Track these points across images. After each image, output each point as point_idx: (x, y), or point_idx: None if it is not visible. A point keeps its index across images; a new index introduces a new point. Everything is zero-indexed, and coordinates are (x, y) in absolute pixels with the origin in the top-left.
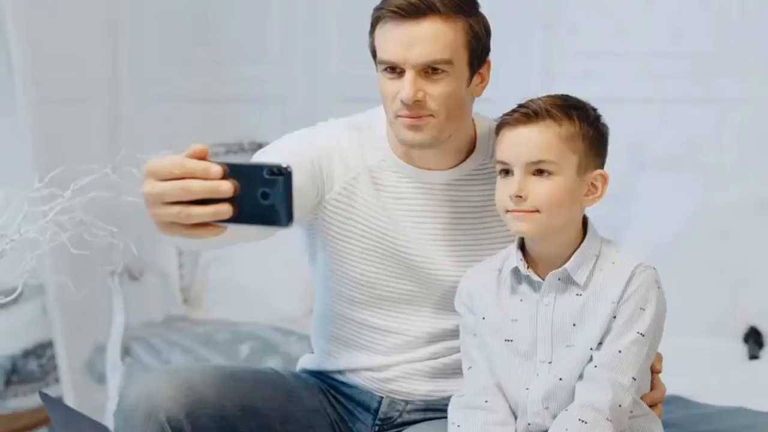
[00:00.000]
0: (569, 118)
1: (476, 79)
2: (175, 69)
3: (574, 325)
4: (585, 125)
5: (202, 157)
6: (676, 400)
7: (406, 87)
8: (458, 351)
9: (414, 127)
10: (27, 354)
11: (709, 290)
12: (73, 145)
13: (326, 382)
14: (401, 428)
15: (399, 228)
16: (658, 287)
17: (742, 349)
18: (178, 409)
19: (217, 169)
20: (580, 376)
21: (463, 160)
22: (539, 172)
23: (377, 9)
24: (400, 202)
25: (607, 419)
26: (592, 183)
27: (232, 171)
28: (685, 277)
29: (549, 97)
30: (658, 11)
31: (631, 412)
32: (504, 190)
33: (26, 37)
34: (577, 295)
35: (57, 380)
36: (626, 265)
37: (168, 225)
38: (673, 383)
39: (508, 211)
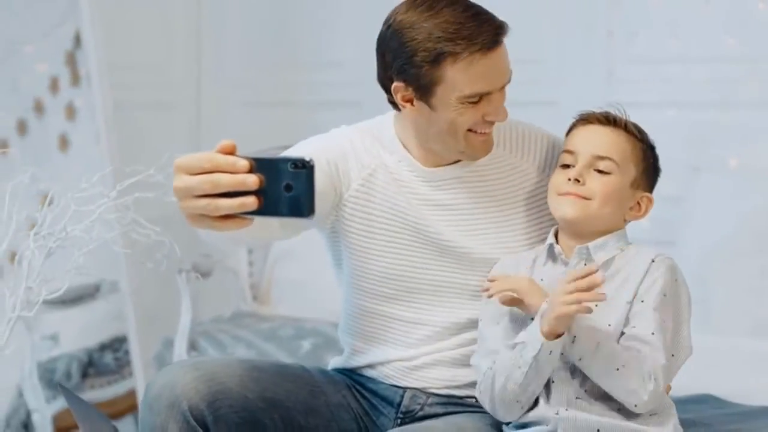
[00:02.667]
0: (642, 140)
1: None
2: (254, 73)
3: None
4: (651, 152)
5: (231, 152)
6: (709, 399)
7: (497, 104)
8: None
9: (486, 142)
10: (103, 347)
11: (757, 292)
12: (155, 148)
13: (353, 379)
14: (422, 421)
15: (420, 214)
16: (677, 278)
17: None
18: (200, 399)
19: (243, 164)
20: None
21: None
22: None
23: (447, 44)
24: (418, 197)
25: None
26: (638, 202)
27: (258, 165)
28: (733, 279)
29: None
30: (717, 16)
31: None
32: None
33: (103, 41)
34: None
35: (131, 373)
36: (647, 253)
37: (197, 217)
38: (714, 383)
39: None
